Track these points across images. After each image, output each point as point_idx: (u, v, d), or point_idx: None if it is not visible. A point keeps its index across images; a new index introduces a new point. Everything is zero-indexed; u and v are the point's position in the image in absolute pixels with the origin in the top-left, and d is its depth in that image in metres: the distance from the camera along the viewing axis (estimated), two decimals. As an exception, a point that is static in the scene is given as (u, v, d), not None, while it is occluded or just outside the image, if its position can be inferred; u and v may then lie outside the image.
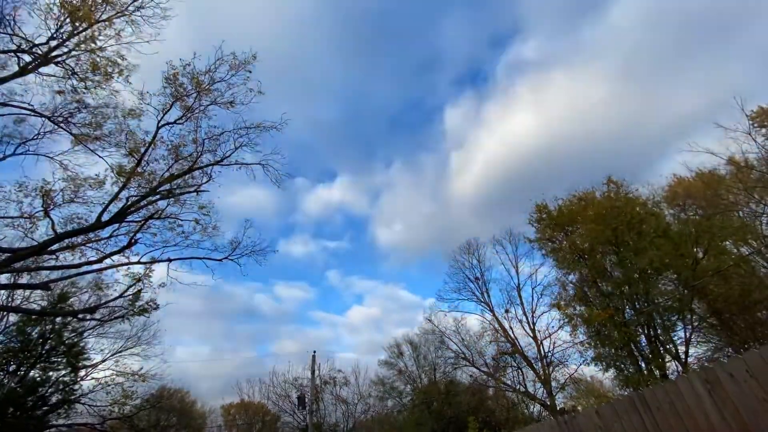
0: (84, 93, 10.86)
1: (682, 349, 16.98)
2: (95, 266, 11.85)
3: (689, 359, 16.87)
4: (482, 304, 25.06)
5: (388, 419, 27.93)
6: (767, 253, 17.65)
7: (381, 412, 28.44)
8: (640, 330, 17.19)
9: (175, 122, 11.30)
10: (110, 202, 10.73)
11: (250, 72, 11.19)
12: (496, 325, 24.13)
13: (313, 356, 24.22)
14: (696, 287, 16.17)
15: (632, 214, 18.17)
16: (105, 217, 10.84)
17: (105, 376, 19.65)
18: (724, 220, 17.00)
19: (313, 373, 23.89)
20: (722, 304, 16.50)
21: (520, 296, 23.94)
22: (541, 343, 22.51)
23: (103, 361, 19.93)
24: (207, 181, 12.48)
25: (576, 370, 21.88)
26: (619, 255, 18.09)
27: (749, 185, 15.52)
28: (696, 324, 17.25)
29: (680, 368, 16.41)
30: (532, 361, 22.47)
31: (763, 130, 16.42)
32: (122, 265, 12.24)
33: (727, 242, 18.20)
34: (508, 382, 24.15)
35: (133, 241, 11.56)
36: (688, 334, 17.23)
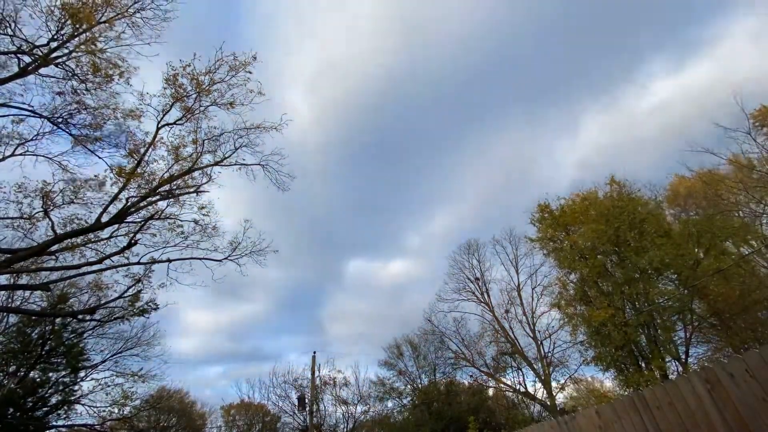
0: (84, 94, 10.87)
1: (682, 349, 16.99)
2: (95, 267, 11.86)
3: (689, 359, 16.87)
4: (482, 304, 25.08)
5: (388, 419, 27.88)
6: (767, 254, 17.64)
7: (381, 412, 28.42)
8: (640, 330, 17.17)
9: (175, 123, 11.32)
10: (110, 202, 10.74)
11: (251, 73, 11.23)
12: (496, 326, 24.15)
13: (314, 356, 24.22)
14: (696, 287, 16.15)
15: (634, 214, 18.16)
16: (105, 218, 10.85)
17: (105, 377, 19.63)
18: (724, 220, 16.99)
19: (313, 373, 23.86)
20: (722, 305, 16.48)
21: (520, 296, 23.96)
22: (541, 343, 22.52)
23: (103, 362, 19.90)
24: (207, 182, 12.53)
25: (576, 370, 21.89)
26: (620, 255, 18.08)
27: (750, 185, 15.51)
28: (696, 324, 17.24)
29: (680, 368, 16.40)
30: (532, 362, 22.48)
31: (764, 130, 16.42)
32: (122, 266, 12.26)
33: (728, 242, 18.18)
34: (508, 383, 24.18)
35: (133, 241, 11.57)
36: (688, 335, 17.23)
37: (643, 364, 16.82)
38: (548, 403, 21.51)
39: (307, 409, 23.56)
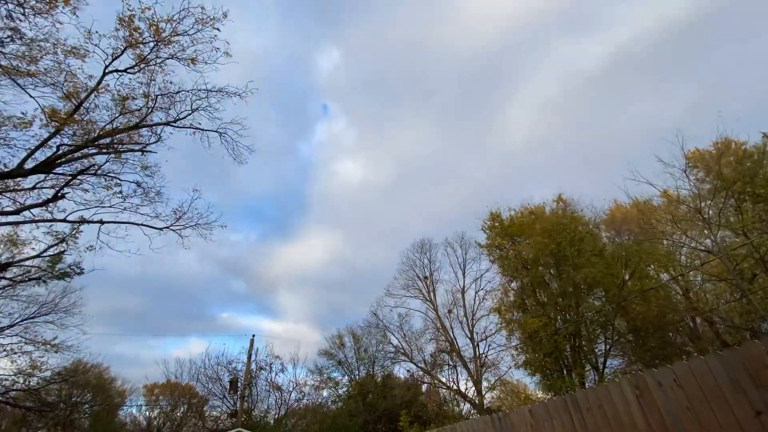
0: (21, 20, 9.50)
1: (601, 360, 18.55)
2: (11, 219, 10.51)
3: (605, 370, 18.43)
4: (428, 302, 25.67)
5: (322, 408, 27.78)
6: (682, 282, 19.64)
7: (315, 401, 28.27)
8: (567, 339, 18.46)
9: (125, 71, 10.24)
10: (37, 147, 9.54)
11: (219, 30, 10.42)
12: (438, 324, 24.83)
13: (252, 339, 23.47)
14: (620, 305, 17.63)
15: (575, 232, 19.40)
16: (29, 165, 9.62)
17: (11, 343, 17.66)
18: (651, 247, 18.62)
19: (249, 357, 23.12)
20: (640, 323, 18.13)
21: (463, 298, 24.75)
22: (478, 344, 23.49)
23: (11, 326, 17.87)
24: (155, 142, 11.53)
25: (506, 372, 23.10)
26: (558, 268, 19.26)
27: (677, 218, 17.08)
28: (616, 339, 18.84)
29: (597, 378, 17.89)
30: (468, 361, 23.40)
31: (695, 171, 18.17)
32: (44, 221, 10.99)
33: (651, 267, 20.02)
34: (443, 380, 25.01)
35: (59, 195, 10.38)
36: (607, 347, 18.83)
37: (566, 372, 18.10)
38: (476, 401, 22.53)
39: (239, 393, 22.81)
